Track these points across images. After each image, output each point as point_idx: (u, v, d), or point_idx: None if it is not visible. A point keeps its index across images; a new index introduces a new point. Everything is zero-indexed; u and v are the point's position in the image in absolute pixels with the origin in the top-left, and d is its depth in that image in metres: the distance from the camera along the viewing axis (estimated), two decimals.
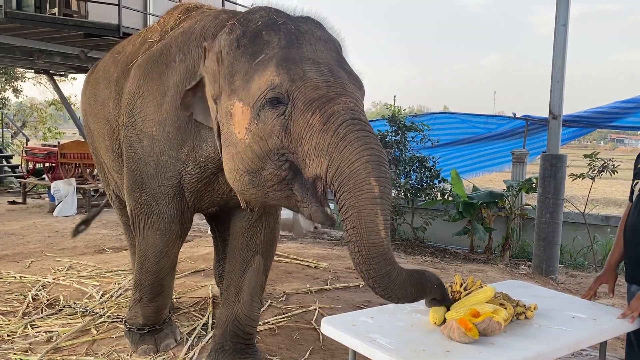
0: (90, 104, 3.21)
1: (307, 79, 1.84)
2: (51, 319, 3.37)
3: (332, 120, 1.77)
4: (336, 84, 1.86)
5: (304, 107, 1.81)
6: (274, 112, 1.85)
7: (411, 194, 7.04)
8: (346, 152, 1.72)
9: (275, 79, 1.84)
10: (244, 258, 2.68)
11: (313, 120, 1.79)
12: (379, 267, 1.67)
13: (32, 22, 7.75)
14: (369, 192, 1.67)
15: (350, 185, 1.69)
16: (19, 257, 5.18)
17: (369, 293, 4.11)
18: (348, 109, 1.81)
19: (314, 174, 1.82)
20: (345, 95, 1.84)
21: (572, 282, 5.50)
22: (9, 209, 8.53)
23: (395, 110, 7.31)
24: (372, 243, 1.66)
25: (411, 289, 1.74)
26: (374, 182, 1.68)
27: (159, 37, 2.69)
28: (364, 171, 1.69)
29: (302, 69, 1.85)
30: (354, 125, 1.77)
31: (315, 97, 1.81)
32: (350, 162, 1.71)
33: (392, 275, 1.69)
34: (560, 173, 5.34)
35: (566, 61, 5.35)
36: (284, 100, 1.84)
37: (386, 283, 1.69)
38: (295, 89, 1.83)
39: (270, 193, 1.96)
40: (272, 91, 1.85)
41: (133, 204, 2.57)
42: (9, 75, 17.43)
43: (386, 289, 1.70)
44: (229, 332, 2.74)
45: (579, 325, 2.01)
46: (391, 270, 1.68)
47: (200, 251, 5.33)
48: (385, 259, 1.68)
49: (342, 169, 1.72)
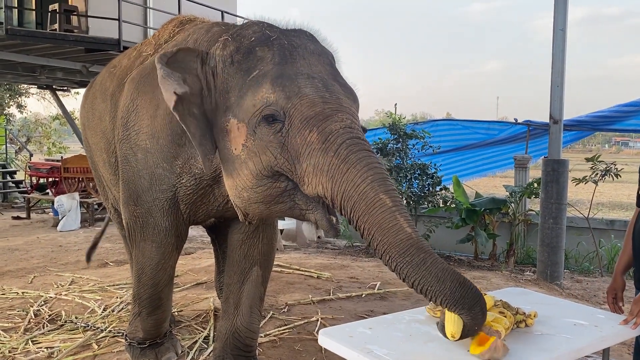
0: (88, 118, 3.23)
1: (302, 96, 1.83)
2: (53, 334, 3.36)
3: (332, 140, 1.77)
4: (332, 99, 1.86)
5: (300, 124, 1.81)
6: (270, 129, 1.85)
7: (413, 201, 7.03)
8: (350, 175, 1.72)
9: (271, 97, 1.84)
10: (242, 270, 2.67)
11: (311, 138, 1.79)
12: (411, 257, 1.62)
13: (34, 39, 7.83)
14: (382, 205, 1.67)
15: (363, 207, 1.69)
16: (22, 272, 5.19)
17: (372, 303, 4.08)
18: (346, 126, 1.80)
19: (315, 192, 1.81)
20: (342, 111, 1.84)
21: (577, 288, 5.46)
22: (13, 224, 8.57)
23: (396, 118, 7.34)
24: (401, 240, 1.63)
25: (451, 285, 1.60)
26: (384, 196, 1.69)
27: (153, 51, 2.70)
28: (372, 190, 1.69)
29: (297, 85, 1.85)
30: (354, 146, 1.77)
31: (312, 115, 1.80)
32: (356, 185, 1.71)
33: (427, 263, 1.61)
34: (562, 178, 5.31)
35: (565, 65, 5.34)
36: (279, 117, 1.84)
37: (422, 271, 1.61)
38: (291, 107, 1.83)
39: (273, 206, 1.96)
40: (267, 108, 1.84)
41: (129, 217, 2.57)
42: (13, 91, 17.58)
43: (421, 278, 1.61)
44: (229, 344, 2.72)
45: (580, 332, 1.99)
46: (426, 258, 1.62)
47: (202, 263, 5.32)
48: (417, 248, 1.63)
49: (349, 193, 1.72)
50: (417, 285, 1.63)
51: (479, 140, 8.80)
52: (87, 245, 6.59)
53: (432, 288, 1.61)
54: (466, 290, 1.62)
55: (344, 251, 6.70)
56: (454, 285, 1.61)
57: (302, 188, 1.85)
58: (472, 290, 1.63)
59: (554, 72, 5.35)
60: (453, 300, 1.61)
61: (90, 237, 7.24)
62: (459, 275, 1.64)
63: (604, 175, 6.01)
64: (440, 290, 1.60)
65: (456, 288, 1.61)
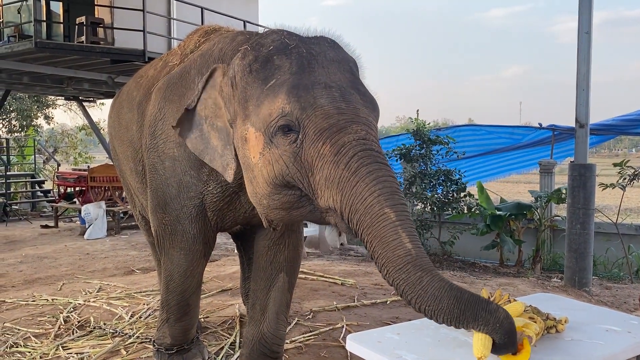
0: (115, 128, 3.29)
1: (317, 107, 1.82)
2: (82, 340, 3.41)
3: (344, 152, 1.76)
4: (348, 110, 1.84)
5: (314, 136, 1.80)
6: (286, 139, 1.85)
7: (438, 207, 6.97)
8: (358, 188, 1.71)
9: (286, 107, 1.84)
10: (269, 276, 2.68)
11: (324, 150, 1.78)
12: (407, 275, 1.59)
13: (62, 51, 8.03)
14: (386, 219, 1.65)
15: (368, 220, 1.68)
16: (51, 279, 5.29)
17: (397, 309, 4.06)
18: (359, 138, 1.78)
19: (327, 205, 1.81)
20: (357, 122, 1.82)
21: (607, 295, 5.35)
22: (42, 232, 8.74)
23: (420, 124, 7.28)
24: (398, 256, 1.62)
25: (448, 302, 1.55)
26: (389, 210, 1.66)
27: (179, 61, 2.74)
28: (377, 204, 1.68)
29: (313, 96, 1.84)
30: (365, 158, 1.75)
31: (326, 127, 1.79)
32: (363, 198, 1.70)
33: (424, 282, 1.57)
34: (589, 183, 5.23)
35: (591, 69, 5.27)
36: (295, 127, 1.84)
37: (417, 290, 1.58)
38: (305, 117, 1.82)
39: (292, 212, 1.96)
40: (283, 119, 1.84)
41: (157, 225, 2.61)
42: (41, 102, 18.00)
43: (418, 297, 1.58)
44: (256, 351, 2.73)
45: (612, 338, 1.95)
46: (422, 276, 1.58)
47: (226, 270, 5.35)
48: (414, 265, 1.60)
49: (356, 207, 1.71)
50: (415, 304, 1.59)
51: (502, 145, 8.71)
52: (113, 253, 6.74)
53: (429, 307, 1.57)
54: (464, 305, 1.55)
55: (368, 258, 6.66)
56: (451, 302, 1.54)
57: (316, 201, 1.84)
58: (472, 303, 1.55)
59: (579, 75, 5.28)
60: (453, 318, 1.55)
61: (117, 245, 7.38)
62: (457, 291, 1.57)
63: (632, 180, 5.90)
64: (439, 309, 1.55)
65: (453, 305, 1.54)
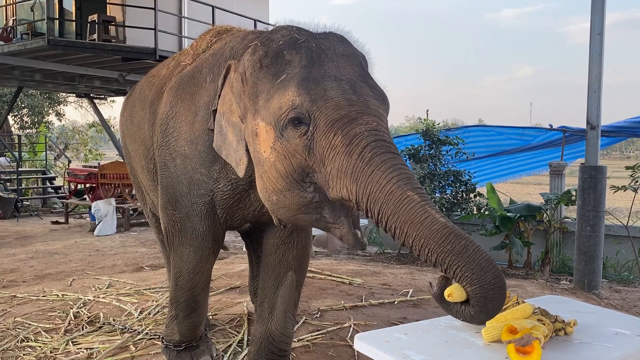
0: (127, 126, 3.31)
1: (328, 98, 1.83)
2: (91, 335, 3.45)
3: (356, 142, 1.76)
4: (358, 101, 1.85)
5: (325, 127, 1.81)
6: (296, 132, 1.85)
7: (447, 208, 6.95)
8: (375, 177, 1.71)
9: (297, 99, 1.85)
10: (277, 274, 2.70)
11: (335, 141, 1.79)
12: (452, 245, 1.57)
13: (74, 49, 8.10)
14: (411, 201, 1.65)
15: (391, 207, 1.67)
16: (62, 275, 5.34)
17: (405, 310, 4.06)
18: (371, 129, 1.79)
19: (339, 196, 1.81)
20: (368, 114, 1.83)
21: (616, 298, 5.31)
22: (53, 228, 8.83)
23: (429, 124, 7.26)
24: (437, 230, 1.60)
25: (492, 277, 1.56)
26: (411, 192, 1.67)
27: (191, 60, 2.76)
28: (398, 189, 1.68)
29: (323, 88, 1.85)
30: (379, 148, 1.76)
31: (337, 118, 1.80)
32: (381, 186, 1.70)
33: (470, 250, 1.56)
34: (600, 185, 5.19)
35: (603, 70, 5.23)
36: (305, 120, 1.85)
37: (465, 258, 1.56)
38: (316, 109, 1.83)
39: (300, 215, 1.96)
40: (293, 111, 1.85)
41: (167, 222, 2.63)
42: (52, 99, 18.17)
43: (465, 265, 1.55)
44: (264, 348, 2.75)
45: (622, 342, 1.94)
46: (467, 245, 1.57)
47: (235, 268, 5.38)
48: (456, 235, 1.59)
49: (375, 196, 1.70)
50: (459, 273, 1.57)
51: (512, 146, 8.67)
52: (122, 250, 6.79)
53: (474, 276, 1.56)
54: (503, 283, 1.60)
55: (375, 258, 6.67)
56: (495, 277, 1.57)
57: (327, 192, 1.85)
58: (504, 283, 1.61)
59: (590, 77, 5.24)
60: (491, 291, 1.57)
61: (126, 242, 7.43)
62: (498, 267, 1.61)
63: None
64: (481, 279, 1.55)
65: (497, 280, 1.57)
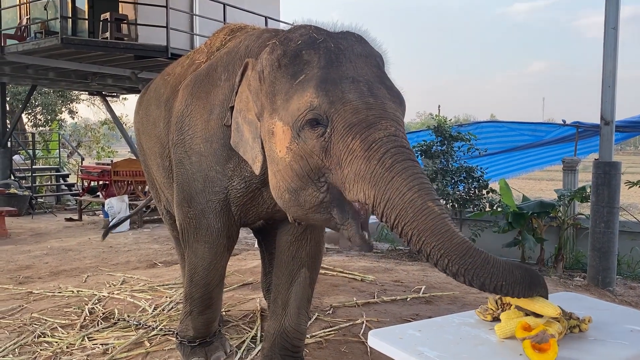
0: (142, 124, 3.34)
1: (346, 102, 1.84)
2: (107, 331, 3.49)
3: (375, 148, 1.77)
4: (376, 105, 1.85)
5: (343, 131, 1.82)
6: (314, 133, 1.86)
7: (459, 205, 6.93)
8: (395, 184, 1.72)
9: (315, 101, 1.86)
10: (290, 271, 2.71)
11: (354, 145, 1.80)
12: (474, 259, 1.62)
13: (86, 47, 8.17)
14: (432, 212, 1.67)
15: (410, 215, 1.68)
16: (76, 272, 5.40)
17: (417, 307, 4.06)
18: (390, 134, 1.80)
19: (356, 199, 1.82)
20: (386, 118, 1.83)
21: (631, 294, 5.27)
22: (66, 225, 8.92)
23: (441, 120, 7.23)
24: (457, 244, 1.64)
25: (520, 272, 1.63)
26: (431, 204, 1.68)
27: (205, 58, 2.78)
28: (419, 198, 1.69)
29: (341, 90, 1.86)
30: (399, 155, 1.76)
31: (355, 122, 1.81)
32: (401, 193, 1.70)
33: (491, 261, 1.62)
34: (614, 181, 5.15)
35: (617, 65, 5.18)
36: (323, 122, 1.85)
37: (489, 269, 1.61)
38: (334, 112, 1.84)
39: (310, 214, 1.98)
40: (311, 112, 1.86)
41: (182, 219, 2.65)
42: (65, 97, 18.33)
43: (492, 275, 1.61)
44: (277, 345, 2.77)
45: (637, 339, 1.92)
46: (487, 258, 1.63)
47: (247, 264, 5.41)
48: (476, 250, 1.64)
49: (394, 202, 1.71)
50: (490, 284, 1.62)
51: (525, 142, 8.61)
52: (136, 246, 6.85)
53: (506, 282, 1.61)
54: (531, 272, 1.67)
55: (387, 254, 6.67)
56: (522, 272, 1.64)
57: (344, 194, 1.86)
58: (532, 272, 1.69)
59: (605, 72, 5.19)
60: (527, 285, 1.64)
61: (139, 238, 7.48)
62: (519, 264, 1.69)
63: None
64: (513, 280, 1.62)
65: (525, 273, 1.64)
